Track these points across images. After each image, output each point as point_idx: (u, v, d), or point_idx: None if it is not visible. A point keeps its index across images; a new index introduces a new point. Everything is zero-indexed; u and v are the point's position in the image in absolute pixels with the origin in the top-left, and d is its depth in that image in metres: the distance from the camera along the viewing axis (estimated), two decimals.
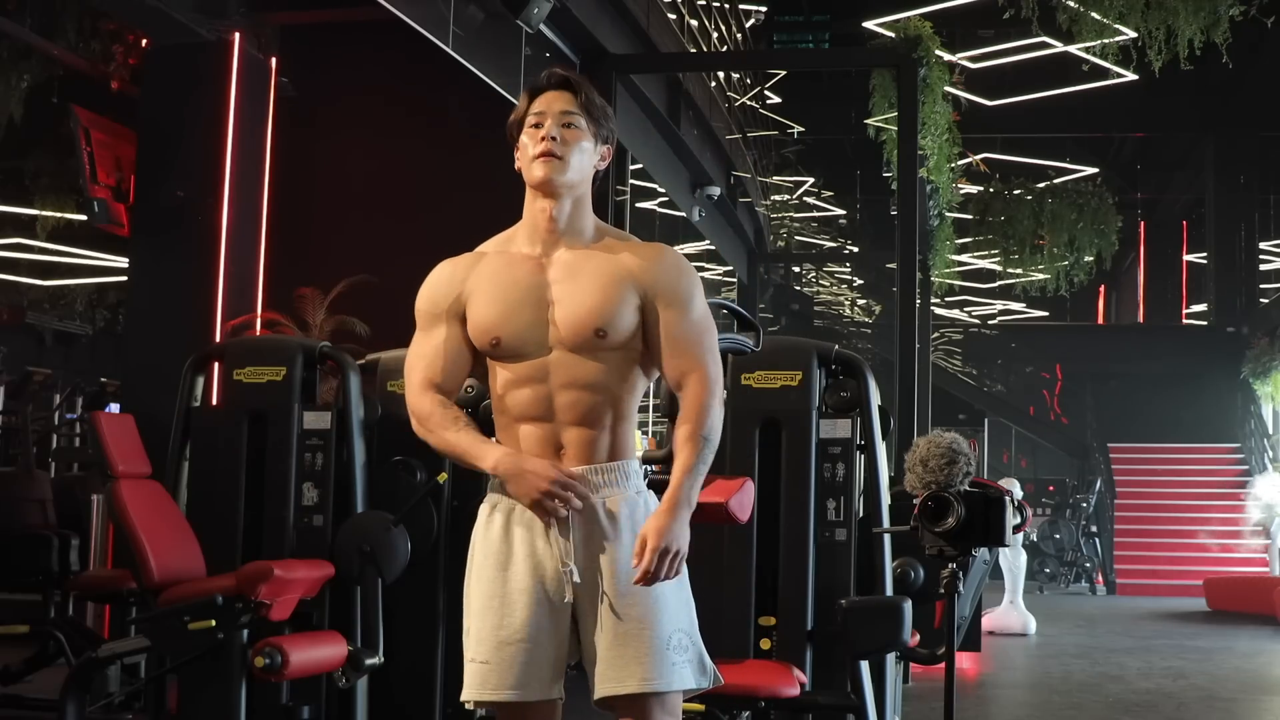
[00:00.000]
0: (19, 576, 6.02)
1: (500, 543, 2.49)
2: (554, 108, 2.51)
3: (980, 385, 23.52)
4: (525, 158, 2.52)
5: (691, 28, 12.17)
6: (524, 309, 2.48)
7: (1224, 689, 8.04)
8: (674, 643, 2.43)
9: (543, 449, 2.47)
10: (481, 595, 2.50)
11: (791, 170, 20.20)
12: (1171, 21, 9.73)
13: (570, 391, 2.46)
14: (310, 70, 8.73)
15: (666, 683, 2.41)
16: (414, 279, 2.71)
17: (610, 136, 2.58)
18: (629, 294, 2.48)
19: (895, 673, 4.76)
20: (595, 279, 2.48)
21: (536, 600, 2.45)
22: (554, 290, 2.48)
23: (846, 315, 25.65)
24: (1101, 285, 28.35)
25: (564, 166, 2.48)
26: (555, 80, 2.54)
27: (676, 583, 2.47)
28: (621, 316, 2.47)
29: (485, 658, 2.47)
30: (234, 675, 4.24)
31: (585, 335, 2.45)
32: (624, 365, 2.50)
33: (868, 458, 4.46)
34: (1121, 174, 22.99)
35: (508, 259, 2.54)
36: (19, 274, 16.69)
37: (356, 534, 4.44)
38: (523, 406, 2.48)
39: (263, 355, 4.76)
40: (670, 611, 2.44)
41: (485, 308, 2.50)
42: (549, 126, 2.49)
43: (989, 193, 18.40)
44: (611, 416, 2.49)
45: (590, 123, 2.53)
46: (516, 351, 2.48)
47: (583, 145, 2.51)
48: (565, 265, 2.50)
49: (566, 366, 2.46)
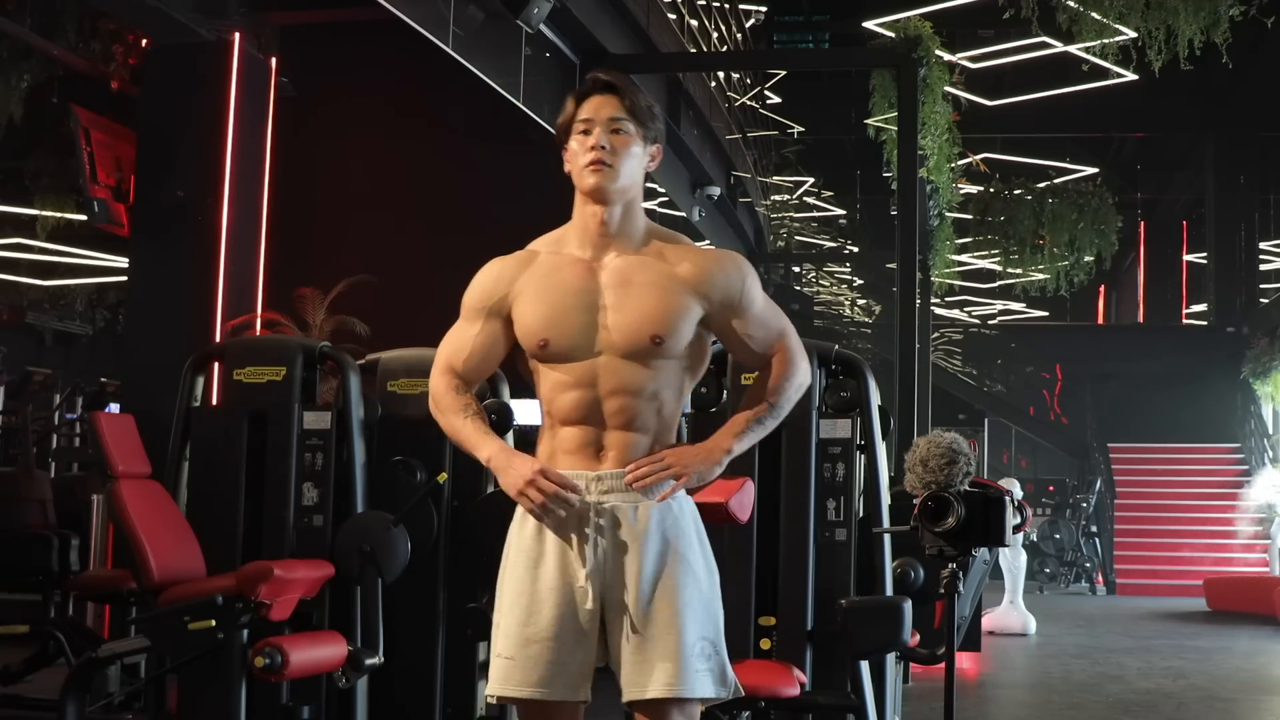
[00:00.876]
0: (19, 576, 6.03)
1: (533, 541, 2.49)
2: (602, 114, 2.51)
3: (980, 385, 23.51)
4: (575, 165, 2.53)
5: (691, 28, 12.17)
6: (575, 313, 2.49)
7: (1224, 689, 8.04)
8: (698, 650, 2.44)
9: (584, 451, 2.49)
10: (511, 592, 2.49)
11: (791, 170, 20.20)
12: (1171, 21, 9.73)
13: (618, 397, 2.47)
14: (310, 70, 8.73)
15: (688, 689, 2.42)
16: (414, 279, 2.72)
17: (659, 136, 2.59)
18: (688, 302, 2.50)
19: (895, 673, 4.76)
20: (652, 287, 2.49)
21: (564, 600, 2.45)
22: (606, 295, 2.49)
23: (846, 315, 25.64)
24: (1101, 285, 28.35)
25: (614, 174, 2.49)
26: (601, 85, 2.55)
27: (708, 592, 2.49)
28: (680, 325, 2.49)
29: (511, 654, 2.46)
30: (234, 675, 4.24)
31: (641, 342, 2.47)
32: (673, 372, 2.52)
33: (868, 458, 4.46)
34: (1121, 174, 22.99)
35: (558, 261, 2.55)
36: (19, 274, 16.69)
37: (356, 534, 4.44)
38: (568, 410, 2.49)
39: (263, 355, 4.76)
40: (697, 620, 2.45)
41: (534, 310, 2.52)
42: (598, 134, 2.49)
43: (989, 193, 18.39)
44: (656, 422, 2.51)
45: (638, 125, 2.53)
46: (565, 354, 2.49)
47: (632, 150, 2.52)
48: (618, 271, 2.51)
49: (615, 372, 2.47)
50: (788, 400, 2.58)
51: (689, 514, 2.53)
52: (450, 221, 9.76)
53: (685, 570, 2.47)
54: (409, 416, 4.75)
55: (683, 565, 2.47)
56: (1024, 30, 11.83)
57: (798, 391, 2.60)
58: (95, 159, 8.32)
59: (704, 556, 2.52)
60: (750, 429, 2.55)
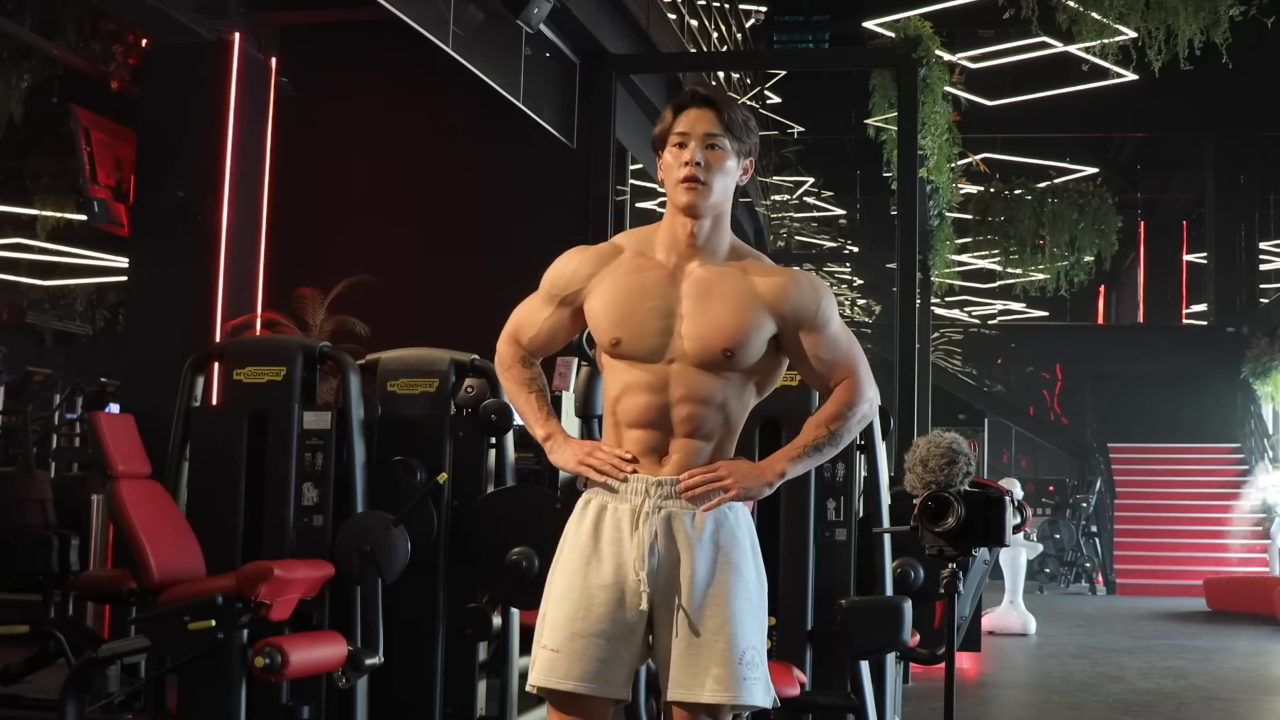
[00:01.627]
0: (19, 576, 6.02)
1: (590, 537, 2.52)
2: (698, 129, 2.52)
3: (980, 385, 23.52)
4: (670, 178, 2.54)
5: (691, 28, 12.17)
6: (651, 316, 2.51)
7: (1224, 689, 8.04)
8: (746, 659, 2.47)
9: (649, 456, 2.52)
10: (563, 585, 2.52)
11: (791, 170, 20.20)
12: (1171, 21, 9.73)
13: (687, 405, 2.50)
14: (310, 70, 8.73)
15: (736, 696, 2.46)
16: (414, 279, 2.73)
17: (754, 149, 2.60)
18: (763, 319, 2.52)
19: (895, 673, 4.77)
20: (729, 300, 2.51)
21: (616, 599, 2.48)
22: (685, 304, 2.52)
23: (846, 315, 25.65)
24: (1101, 285, 28.35)
25: (708, 192, 2.51)
26: (699, 98, 2.56)
27: (757, 602, 2.53)
28: (752, 340, 2.51)
29: (557, 646, 2.48)
30: (234, 675, 4.24)
31: (713, 353, 2.49)
32: (742, 384, 2.55)
33: (868, 458, 4.46)
34: (1121, 174, 22.99)
35: (641, 264, 2.57)
36: (19, 274, 16.70)
37: (356, 534, 4.44)
38: (637, 413, 2.52)
39: (263, 355, 4.76)
40: (747, 628, 2.49)
41: (609, 306, 2.54)
42: (693, 150, 2.51)
43: (989, 193, 18.39)
44: (722, 431, 2.54)
45: (733, 141, 2.54)
46: (637, 355, 2.52)
47: (726, 166, 2.54)
48: (699, 281, 2.53)
49: (686, 379, 2.50)
50: (848, 430, 2.60)
51: (744, 525, 2.57)
52: (450, 221, 9.75)
53: (738, 579, 2.50)
54: (409, 416, 4.75)
55: (735, 574, 2.50)
56: (1024, 30, 11.83)
57: (860, 423, 2.62)
58: (95, 159, 8.31)
59: (756, 568, 2.56)
60: (807, 454, 2.57)
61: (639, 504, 2.50)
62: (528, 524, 4.39)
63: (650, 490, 2.50)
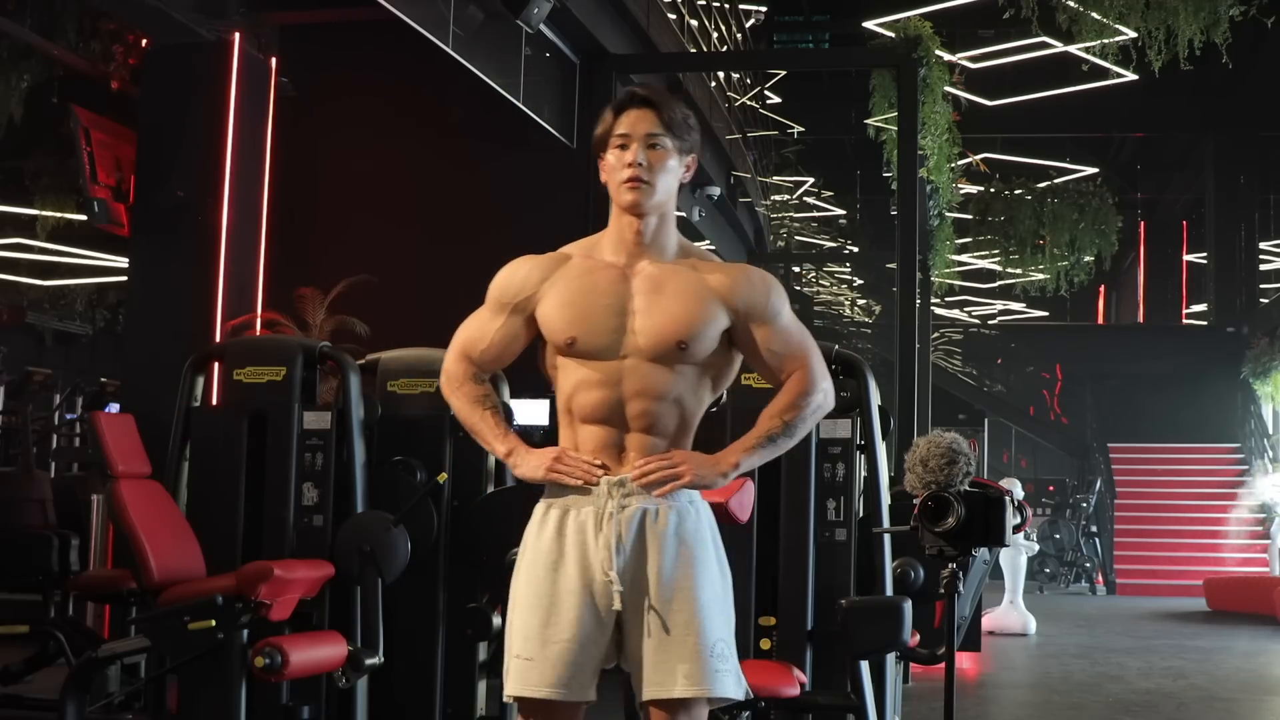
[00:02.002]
0: (19, 576, 6.02)
1: (553, 543, 2.52)
2: (639, 129, 2.55)
3: (980, 385, 23.52)
4: (613, 180, 2.56)
5: (691, 28, 12.17)
6: (605, 314, 2.53)
7: (1224, 689, 8.03)
8: (717, 651, 2.48)
9: (605, 450, 2.53)
10: (530, 594, 2.52)
11: (791, 170, 20.19)
12: (1171, 21, 9.72)
13: (641, 400, 2.52)
14: (310, 70, 8.73)
15: (709, 688, 2.46)
16: (414, 279, 2.73)
17: (695, 145, 2.63)
18: (715, 311, 2.54)
19: (895, 673, 4.76)
20: (681, 294, 2.54)
21: (584, 603, 2.48)
22: (637, 300, 2.54)
23: (846, 315, 25.65)
24: (1101, 285, 28.35)
25: (651, 190, 2.54)
26: (638, 99, 2.58)
27: (723, 595, 2.54)
28: (706, 332, 2.53)
29: (530, 654, 2.49)
30: (234, 675, 4.24)
31: (667, 346, 2.51)
32: (696, 378, 2.56)
33: (868, 458, 4.46)
34: (1121, 174, 22.98)
35: (590, 265, 2.58)
36: (19, 274, 16.69)
37: (356, 534, 4.44)
38: (590, 409, 2.53)
39: (263, 355, 4.76)
40: (715, 621, 2.50)
41: (562, 308, 2.55)
42: (635, 151, 2.53)
43: (989, 193, 18.38)
44: (677, 426, 2.55)
45: (675, 139, 2.56)
46: (592, 353, 2.53)
47: (668, 165, 2.56)
48: (650, 277, 2.56)
49: (640, 375, 2.51)
50: (803, 420, 2.59)
51: (706, 519, 2.57)
52: (450, 221, 9.75)
53: (704, 573, 2.51)
54: (409, 416, 4.76)
55: (701, 568, 2.51)
56: (1024, 30, 11.82)
57: (815, 413, 2.61)
58: (95, 159, 8.31)
59: (719, 561, 2.57)
60: (761, 446, 2.58)
61: (602, 505, 2.50)
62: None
63: (612, 490, 2.50)
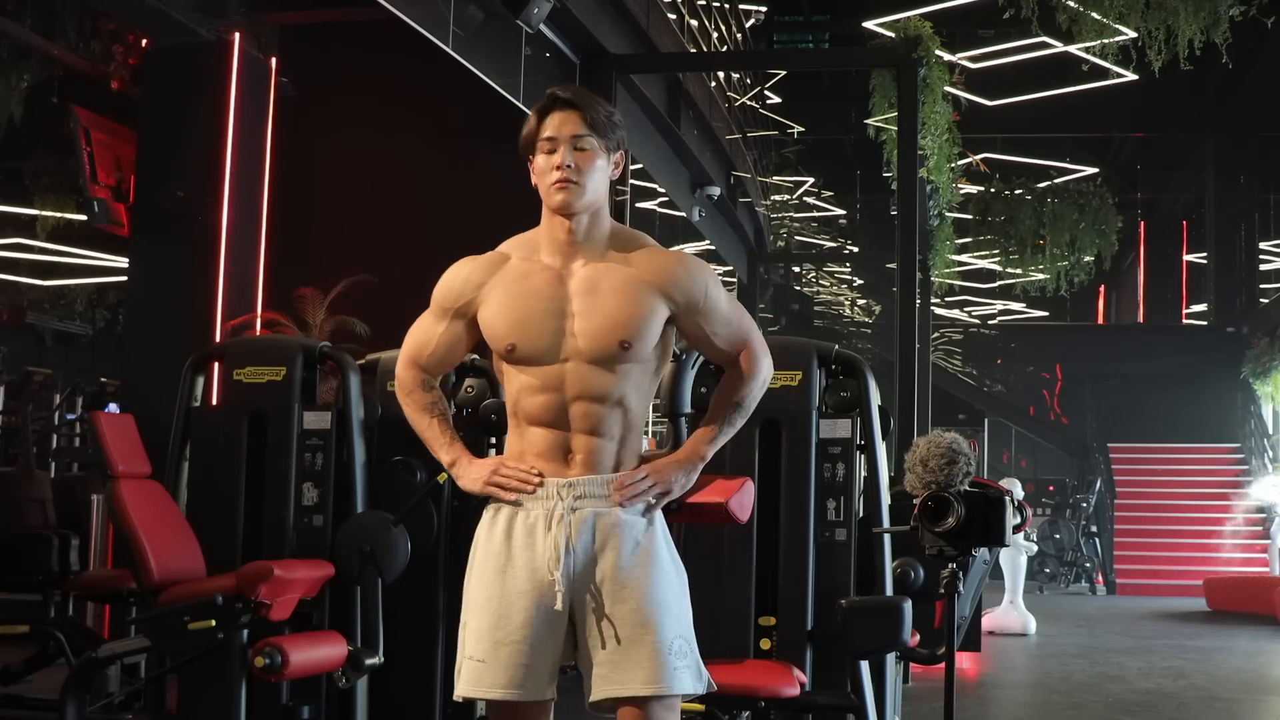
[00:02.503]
0: (19, 576, 6.02)
1: (501, 545, 2.54)
2: (564, 131, 2.55)
3: (980, 385, 23.52)
4: (542, 183, 2.58)
5: (691, 28, 12.17)
6: (543, 318, 2.53)
7: (1224, 689, 8.03)
8: (675, 648, 2.48)
9: (552, 453, 2.54)
10: (480, 595, 2.55)
11: (791, 170, 20.19)
12: (1171, 21, 9.72)
13: (583, 402, 2.52)
14: (310, 70, 8.73)
15: (668, 686, 2.46)
16: (414, 279, 2.74)
17: (621, 142, 2.63)
18: (655, 304, 2.55)
19: (895, 673, 4.76)
20: (618, 292, 2.54)
21: (534, 603, 2.50)
22: (574, 303, 2.54)
23: (846, 315, 25.65)
24: (1101, 285, 28.35)
25: (580, 191, 2.54)
26: (562, 101, 2.58)
27: (678, 590, 2.54)
28: (648, 329, 2.54)
29: (482, 656, 2.51)
30: (234, 675, 4.24)
31: (609, 347, 2.51)
32: (639, 377, 2.56)
33: (868, 458, 4.46)
34: (1121, 174, 22.98)
35: (528, 268, 2.59)
36: (19, 274, 16.70)
37: (356, 534, 4.44)
38: (536, 412, 2.54)
39: (263, 355, 4.76)
40: (672, 617, 2.50)
41: (501, 315, 2.56)
42: (563, 154, 2.54)
43: (989, 193, 18.39)
44: (622, 427, 2.55)
45: (600, 139, 2.57)
46: (532, 359, 2.53)
47: (596, 165, 2.56)
48: (586, 278, 2.56)
49: (581, 377, 2.52)
50: (752, 398, 2.67)
51: (657, 517, 2.58)
52: (451, 221, 9.74)
53: (657, 570, 2.52)
54: None
55: (655, 566, 2.52)
56: (1024, 30, 11.82)
57: (762, 387, 2.69)
58: (95, 159, 8.32)
59: (671, 556, 2.58)
60: (721, 432, 2.64)
61: (551, 507, 2.51)
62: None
63: (561, 492, 2.51)
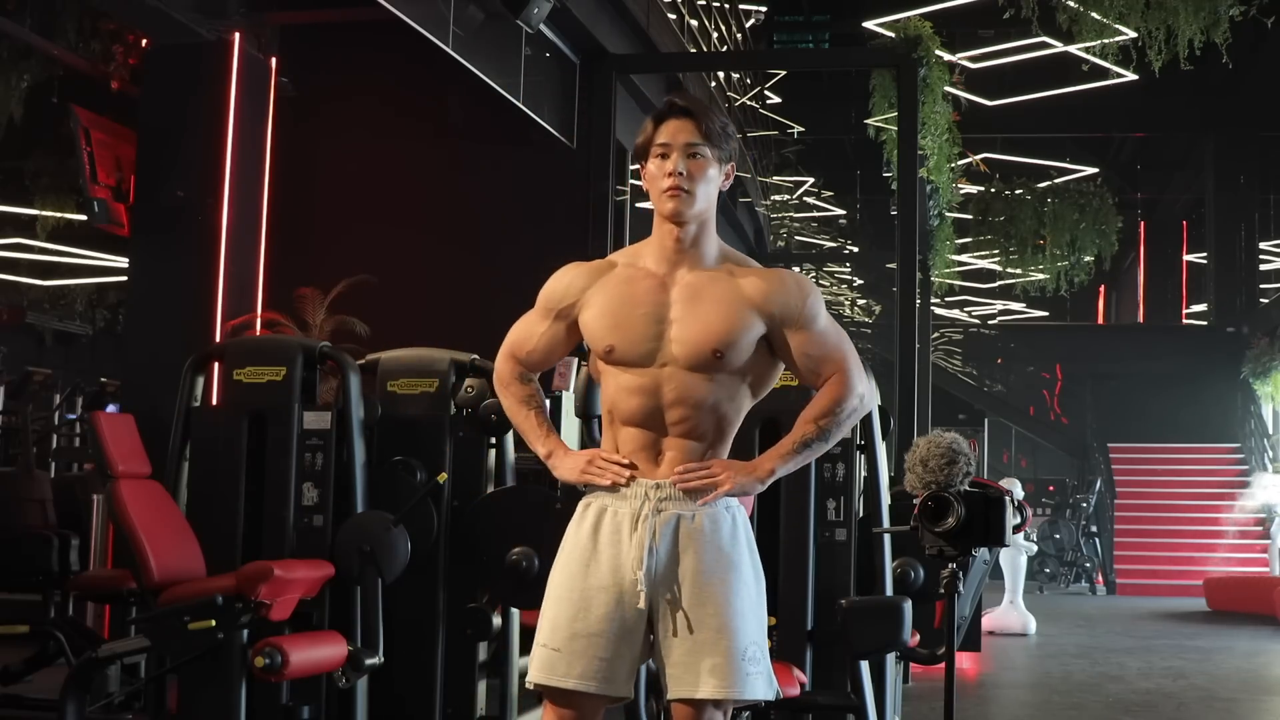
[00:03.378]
0: (19, 576, 6.02)
1: (588, 540, 2.58)
2: (679, 139, 2.58)
3: (980, 385, 23.51)
4: (654, 189, 2.61)
5: (691, 28, 12.17)
6: (642, 323, 2.57)
7: (1224, 689, 8.03)
8: (749, 654, 2.52)
9: (644, 452, 2.59)
10: (562, 586, 2.58)
11: (791, 170, 20.20)
12: (1171, 21, 9.73)
13: (679, 407, 2.57)
14: (310, 70, 8.73)
15: (739, 691, 2.51)
16: (414, 279, 2.75)
17: (734, 154, 2.66)
18: (751, 320, 2.58)
19: (895, 673, 4.77)
20: (718, 303, 2.57)
21: (614, 600, 2.54)
22: (674, 309, 2.58)
23: (846, 315, 25.64)
24: (1101, 285, 28.34)
25: (691, 200, 2.57)
26: (678, 109, 2.61)
27: (756, 599, 2.58)
28: (741, 341, 2.57)
29: (557, 645, 2.54)
30: (234, 675, 4.24)
31: (703, 355, 2.55)
32: (734, 386, 2.60)
33: (868, 458, 4.46)
34: (1121, 174, 22.98)
35: (632, 274, 2.64)
36: (19, 274, 16.70)
37: (356, 534, 4.44)
38: (630, 412, 2.59)
39: (263, 355, 4.75)
40: (748, 625, 2.54)
41: (602, 317, 2.61)
42: (675, 160, 2.57)
43: (989, 193, 18.39)
44: (714, 432, 2.60)
45: (714, 149, 2.60)
46: (630, 361, 2.58)
47: (708, 174, 2.60)
48: (688, 286, 2.60)
49: (678, 382, 2.56)
50: (838, 425, 2.63)
51: (741, 524, 2.61)
52: (450, 222, 9.75)
53: (738, 577, 2.56)
54: (409, 416, 4.75)
55: (735, 572, 2.56)
56: (1024, 30, 11.83)
57: (850, 417, 2.65)
58: (95, 159, 8.32)
59: (754, 565, 2.61)
60: (797, 452, 2.62)
61: (639, 506, 2.55)
62: (528, 524, 4.40)
63: (649, 493, 2.56)
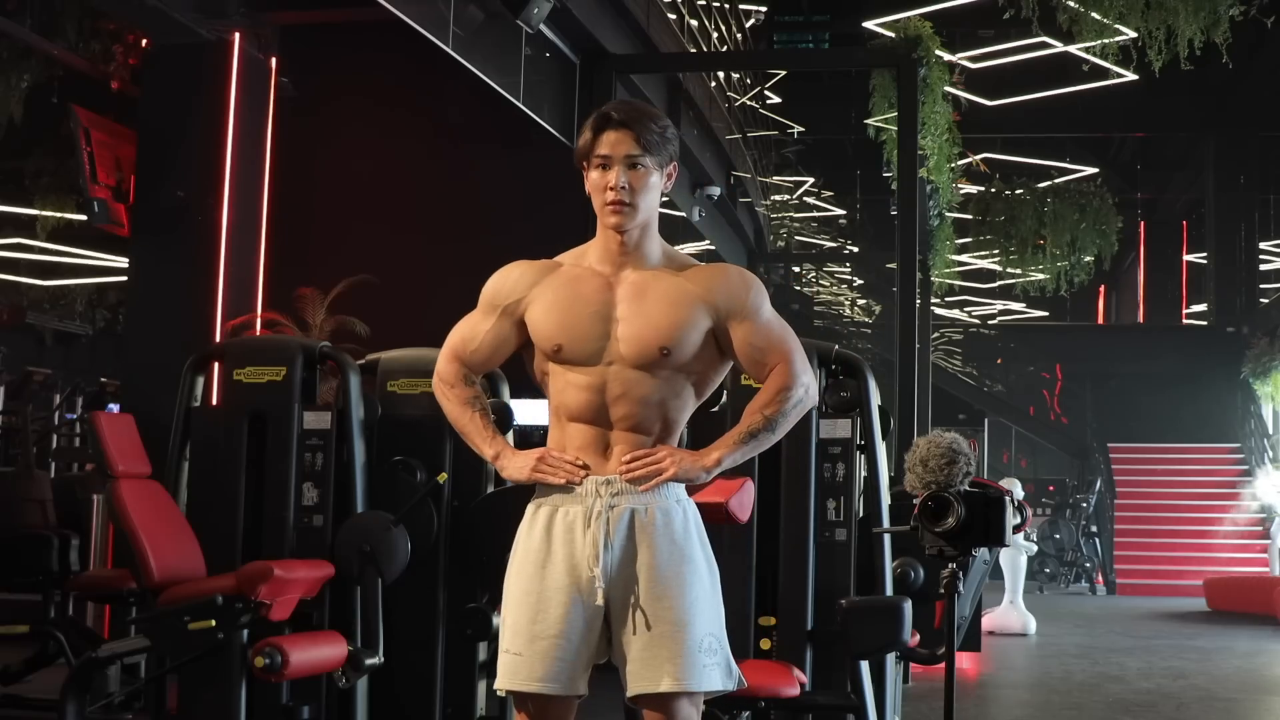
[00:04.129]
0: (19, 576, 6.02)
1: (541, 541, 2.59)
2: (618, 151, 2.60)
3: (980, 385, 23.50)
4: (596, 199, 2.63)
5: (691, 28, 12.17)
6: (589, 322, 2.59)
7: (1224, 689, 8.03)
8: (705, 645, 2.54)
9: (592, 448, 2.60)
10: (519, 590, 2.59)
11: (791, 170, 20.19)
12: (1171, 21, 9.72)
13: (624, 403, 2.58)
14: (310, 70, 8.74)
15: (696, 683, 2.52)
16: (414, 279, 2.76)
17: (674, 154, 2.67)
18: (697, 314, 2.60)
19: (895, 673, 4.76)
20: (663, 300, 2.60)
21: (571, 600, 2.54)
22: (620, 308, 2.60)
23: (846, 315, 25.63)
24: (1101, 285, 28.32)
25: (634, 212, 2.60)
26: (614, 121, 2.62)
27: (711, 589, 2.59)
28: (687, 337, 2.59)
29: (519, 650, 2.55)
30: (234, 675, 4.24)
31: (649, 353, 2.57)
32: (679, 382, 2.62)
33: (868, 458, 4.46)
34: (1121, 174, 22.98)
35: (579, 273, 2.65)
36: (19, 274, 16.70)
37: (356, 534, 4.44)
38: (578, 409, 2.60)
39: (263, 355, 4.76)
40: (704, 616, 2.55)
41: (549, 316, 2.62)
42: (616, 174, 2.59)
43: (989, 193, 18.39)
44: (660, 428, 2.61)
45: (653, 157, 2.61)
46: (577, 359, 2.59)
47: (649, 184, 2.61)
48: (633, 285, 2.62)
49: (623, 380, 2.58)
50: (784, 416, 2.64)
51: (691, 515, 2.63)
52: (450, 222, 9.75)
53: (691, 569, 2.57)
54: (409, 416, 4.76)
55: (689, 564, 2.57)
56: (1024, 30, 11.81)
57: (796, 408, 2.65)
58: (95, 159, 8.32)
59: (706, 556, 2.62)
60: (744, 442, 2.63)
61: (590, 504, 2.56)
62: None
63: (600, 490, 2.57)
